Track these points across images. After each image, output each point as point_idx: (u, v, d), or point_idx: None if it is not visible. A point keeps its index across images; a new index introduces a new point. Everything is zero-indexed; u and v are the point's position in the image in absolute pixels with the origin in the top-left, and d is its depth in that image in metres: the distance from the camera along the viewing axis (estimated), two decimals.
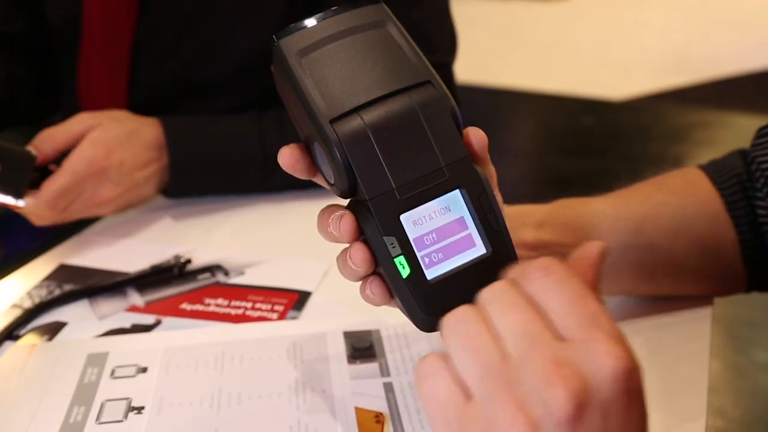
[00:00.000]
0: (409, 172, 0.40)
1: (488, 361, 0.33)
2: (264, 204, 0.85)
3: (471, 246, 0.41)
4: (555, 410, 0.31)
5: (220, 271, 0.70)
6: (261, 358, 0.58)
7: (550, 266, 0.35)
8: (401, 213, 0.40)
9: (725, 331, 1.82)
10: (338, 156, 0.40)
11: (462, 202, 0.41)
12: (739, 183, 0.63)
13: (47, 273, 0.70)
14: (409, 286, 0.40)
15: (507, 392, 0.32)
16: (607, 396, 0.32)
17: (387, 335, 0.60)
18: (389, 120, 0.40)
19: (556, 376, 0.32)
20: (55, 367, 0.58)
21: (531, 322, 0.34)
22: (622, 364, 0.32)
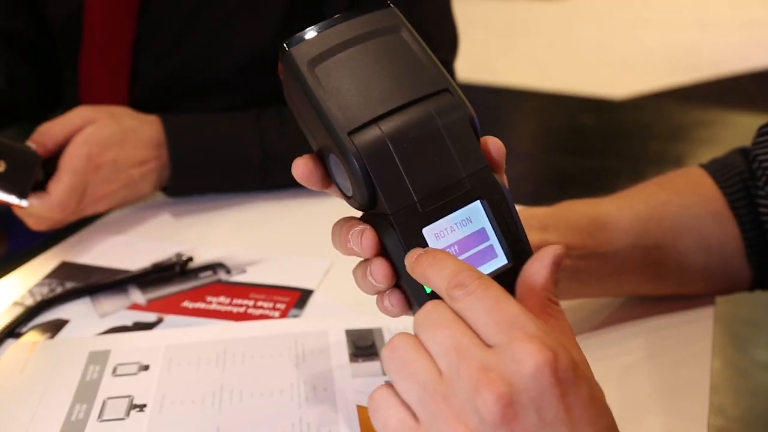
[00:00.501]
0: (431, 183, 0.39)
1: (425, 382, 0.35)
2: (266, 202, 0.85)
3: (493, 257, 0.40)
4: (487, 415, 0.33)
5: (222, 269, 0.70)
6: (263, 356, 0.58)
7: (467, 283, 0.36)
8: (424, 226, 0.39)
9: (726, 330, 1.82)
10: (357, 169, 0.38)
11: (483, 213, 0.40)
12: (742, 181, 0.63)
13: (49, 271, 0.70)
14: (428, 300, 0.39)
15: (446, 407, 0.34)
16: (536, 391, 0.33)
17: (389, 333, 0.60)
18: (409, 130, 0.39)
19: (481, 383, 0.33)
20: (57, 365, 0.58)
21: (457, 336, 0.35)
22: (542, 357, 0.33)
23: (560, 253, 0.40)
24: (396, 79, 0.40)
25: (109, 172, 0.76)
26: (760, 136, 0.63)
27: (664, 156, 2.72)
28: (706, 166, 0.65)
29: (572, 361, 0.34)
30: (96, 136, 0.75)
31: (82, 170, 0.73)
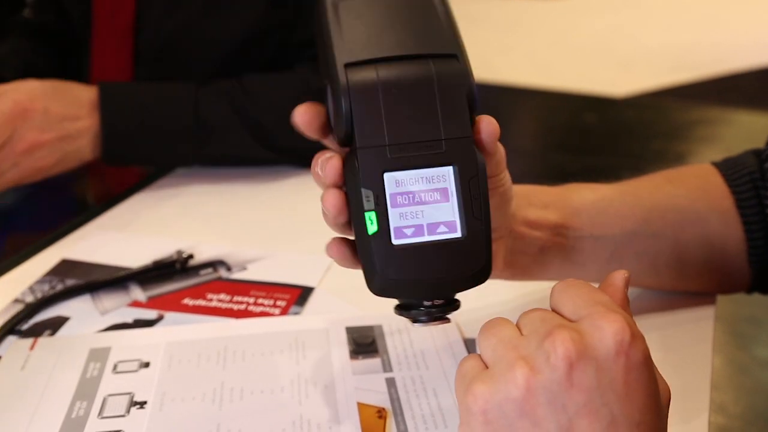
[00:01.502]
0: (407, 134, 0.40)
1: (503, 336, 0.38)
2: (267, 199, 0.85)
3: (447, 225, 0.41)
4: (551, 355, 0.35)
5: (223, 266, 0.70)
6: (263, 354, 0.58)
7: (566, 280, 0.40)
8: (386, 170, 0.40)
9: (727, 328, 1.82)
10: (341, 100, 0.40)
11: (452, 180, 0.41)
12: (752, 181, 0.62)
13: (49, 268, 0.70)
14: (372, 243, 0.40)
15: (514, 351, 0.37)
16: (604, 354, 0.35)
17: (389, 331, 0.60)
18: (403, 80, 0.40)
19: (555, 331, 0.36)
20: (58, 362, 0.58)
21: (546, 313, 0.38)
22: (620, 329, 0.35)
23: (626, 278, 0.42)
24: (410, 32, 0.41)
25: (40, 120, 0.77)
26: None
27: (665, 154, 2.72)
28: (717, 164, 0.65)
29: (646, 349, 0.36)
30: (24, 86, 0.78)
31: (8, 112, 0.74)
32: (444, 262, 0.41)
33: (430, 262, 0.41)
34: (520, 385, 0.35)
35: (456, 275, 0.42)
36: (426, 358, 0.57)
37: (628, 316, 0.37)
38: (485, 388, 0.36)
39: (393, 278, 0.41)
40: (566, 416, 0.35)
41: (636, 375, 0.35)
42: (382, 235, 0.40)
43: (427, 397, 0.53)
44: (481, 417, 0.36)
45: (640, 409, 0.35)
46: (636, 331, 0.36)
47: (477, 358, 0.39)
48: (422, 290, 0.42)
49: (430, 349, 0.58)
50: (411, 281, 0.41)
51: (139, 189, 0.86)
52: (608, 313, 0.36)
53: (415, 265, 0.41)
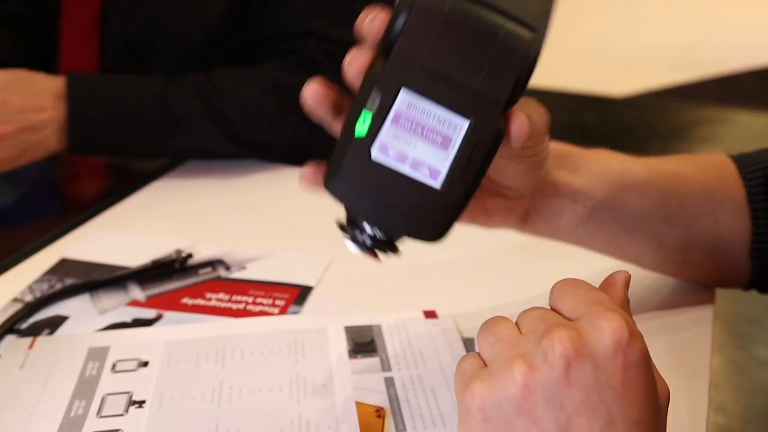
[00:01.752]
0: (445, 67, 0.39)
1: (502, 334, 0.38)
2: (266, 198, 0.85)
3: (431, 170, 0.40)
4: (549, 353, 0.35)
5: (222, 265, 0.70)
6: (262, 353, 0.58)
7: (565, 279, 0.40)
8: (406, 86, 0.39)
9: (726, 327, 1.82)
10: (402, 11, 0.39)
11: (461, 133, 0.40)
12: (764, 176, 0.62)
13: (48, 267, 0.70)
14: (353, 145, 0.39)
15: (513, 349, 0.37)
16: (601, 353, 0.35)
17: (388, 330, 0.60)
18: (470, 20, 0.39)
19: (554, 330, 0.36)
20: (56, 362, 0.58)
21: (546, 312, 0.39)
22: (618, 327, 0.36)
23: (627, 279, 0.42)
24: None
25: (1, 112, 0.78)
26: None
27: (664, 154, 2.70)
28: (732, 156, 0.65)
29: (644, 348, 0.36)
30: None
31: None
32: (405, 201, 0.40)
33: (394, 192, 0.40)
34: (519, 384, 0.35)
35: (409, 219, 0.41)
36: (425, 357, 0.57)
37: (627, 315, 0.37)
38: (483, 387, 0.36)
39: (352, 185, 0.40)
40: (564, 414, 0.35)
41: (634, 373, 0.36)
42: (366, 141, 0.39)
43: (426, 397, 0.53)
44: (480, 415, 0.36)
45: (638, 408, 0.35)
46: (634, 330, 0.36)
47: (476, 357, 0.39)
48: (370, 212, 0.41)
49: (429, 349, 0.58)
50: (365, 197, 0.40)
51: (138, 188, 0.86)
52: (606, 312, 0.36)
53: (378, 186, 0.40)
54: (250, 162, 0.92)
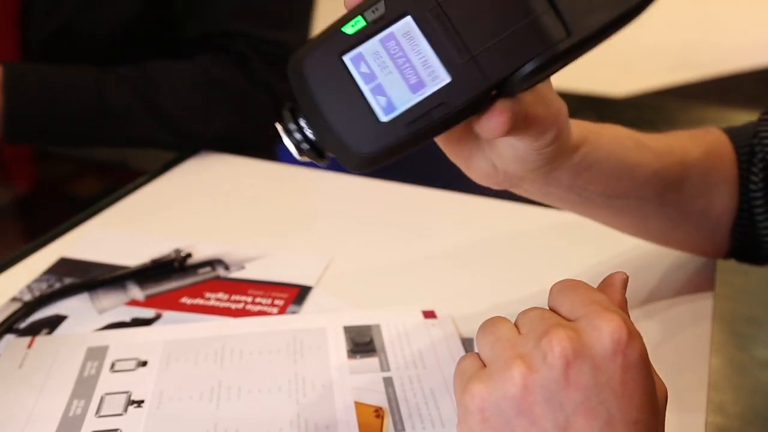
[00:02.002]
0: (460, 20, 0.38)
1: (501, 335, 0.38)
2: (265, 197, 0.85)
3: (388, 101, 0.39)
4: (548, 354, 0.35)
5: (221, 265, 0.70)
6: (261, 353, 0.58)
7: (564, 280, 0.40)
8: (415, 15, 0.38)
9: (726, 327, 1.82)
10: None
11: (436, 86, 0.38)
12: (749, 153, 0.63)
13: (47, 266, 0.70)
14: (332, 36, 0.39)
15: (512, 349, 0.37)
16: (600, 353, 0.35)
17: (387, 330, 0.60)
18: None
19: (552, 330, 0.36)
20: (55, 361, 0.58)
21: (545, 312, 0.39)
22: (617, 328, 0.36)
23: (624, 281, 0.42)
24: None
25: None
26: (766, 114, 0.64)
27: None
28: (726, 131, 0.65)
29: (643, 348, 0.36)
30: None
31: None
32: (348, 117, 0.39)
33: (343, 103, 0.39)
34: (518, 384, 0.35)
35: (341, 137, 0.39)
36: (423, 357, 0.57)
37: (626, 316, 0.37)
38: (483, 387, 0.36)
39: (310, 74, 0.39)
40: (563, 414, 0.35)
41: (633, 374, 0.36)
42: (346, 40, 0.39)
43: (425, 397, 0.53)
44: (479, 415, 0.36)
45: (637, 408, 0.35)
46: (633, 330, 0.36)
47: (475, 357, 0.39)
48: (311, 111, 0.40)
49: (428, 349, 0.58)
50: (314, 94, 0.39)
51: (138, 187, 0.86)
52: (605, 312, 0.36)
53: (332, 90, 0.39)
54: (249, 161, 0.93)
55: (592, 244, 0.72)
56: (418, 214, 0.81)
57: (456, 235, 0.76)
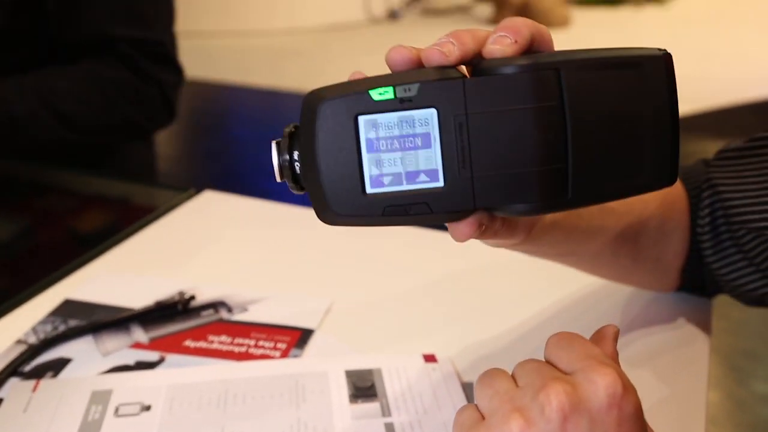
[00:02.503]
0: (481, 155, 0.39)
1: (499, 388, 0.39)
2: (268, 239, 0.86)
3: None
4: (546, 407, 0.36)
5: (224, 307, 0.71)
6: (263, 397, 0.59)
7: (560, 333, 0.41)
8: (437, 110, 0.39)
9: (724, 361, 1.82)
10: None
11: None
12: (696, 197, 0.65)
13: (52, 308, 0.71)
14: (356, 95, 0.39)
15: (510, 403, 0.38)
16: (597, 407, 0.36)
17: (388, 374, 0.61)
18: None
19: (550, 384, 0.37)
20: (60, 405, 0.58)
21: (542, 365, 0.40)
22: (612, 381, 0.37)
23: (616, 333, 0.43)
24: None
25: None
26: (720, 160, 0.65)
27: None
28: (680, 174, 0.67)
29: (638, 401, 0.38)
30: None
31: None
32: (338, 170, 0.40)
33: (338, 156, 0.40)
34: None
35: (328, 186, 0.40)
36: (424, 402, 0.58)
37: (620, 370, 0.39)
38: None
39: (317, 114, 0.39)
40: None
41: (628, 426, 0.37)
42: (364, 102, 0.39)
43: None
44: None
45: None
46: (628, 384, 0.38)
47: (474, 409, 0.40)
48: (308, 147, 0.40)
49: (428, 394, 0.59)
50: (317, 135, 0.40)
51: (141, 228, 0.87)
52: (601, 366, 0.37)
53: (333, 140, 0.39)
54: (252, 203, 0.94)
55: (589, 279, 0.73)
56: (419, 256, 0.82)
57: (455, 277, 0.77)
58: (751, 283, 0.63)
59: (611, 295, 0.72)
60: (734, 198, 0.61)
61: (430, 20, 5.32)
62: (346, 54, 4.42)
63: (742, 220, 0.61)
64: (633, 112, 0.39)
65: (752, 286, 0.63)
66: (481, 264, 0.79)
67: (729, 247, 0.63)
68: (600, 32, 4.78)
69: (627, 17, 5.25)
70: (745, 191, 0.61)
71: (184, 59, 1.16)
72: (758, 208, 0.59)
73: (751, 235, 0.61)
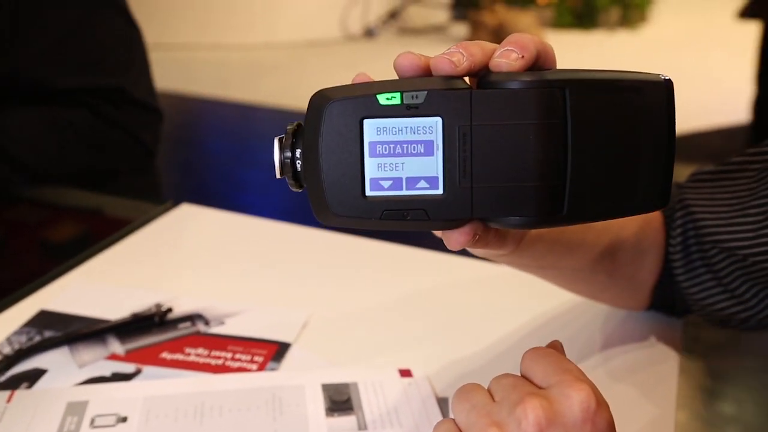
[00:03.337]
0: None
1: (476, 402, 0.40)
2: (245, 252, 0.86)
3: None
4: (522, 421, 0.37)
5: (201, 320, 0.71)
6: (240, 410, 0.59)
7: (535, 348, 0.42)
8: (442, 119, 0.39)
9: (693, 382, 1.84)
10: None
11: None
12: (669, 216, 0.67)
13: (27, 318, 0.71)
14: (364, 98, 0.40)
15: (487, 417, 0.39)
16: (572, 421, 0.38)
17: (364, 388, 0.61)
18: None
19: (526, 399, 0.38)
20: (35, 416, 0.58)
21: (518, 380, 0.41)
22: (586, 397, 0.38)
23: (560, 344, 0.44)
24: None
25: None
26: (694, 182, 0.67)
27: None
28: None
29: (610, 416, 0.39)
30: None
31: None
32: (340, 172, 0.40)
33: (340, 157, 0.40)
34: None
35: (328, 186, 0.41)
36: (400, 416, 0.58)
37: (593, 385, 0.40)
38: None
39: (323, 114, 0.40)
40: None
41: None
42: (371, 106, 0.40)
43: None
44: None
45: None
46: (601, 399, 0.39)
47: (451, 423, 0.41)
48: (312, 146, 0.41)
49: (404, 408, 0.59)
50: (322, 135, 0.40)
51: (119, 240, 0.87)
52: (576, 382, 0.39)
53: (336, 141, 0.40)
54: (230, 217, 0.94)
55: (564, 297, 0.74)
56: (396, 271, 0.83)
57: (432, 293, 0.78)
58: (718, 303, 0.64)
59: (585, 313, 0.73)
60: (707, 218, 0.63)
61: (406, 39, 5.36)
62: (322, 70, 4.44)
63: (714, 240, 0.62)
64: (632, 134, 0.40)
65: (719, 306, 0.64)
66: (458, 280, 0.80)
67: (699, 267, 0.64)
68: (573, 55, 4.85)
69: (600, 41, 5.33)
70: (718, 212, 0.62)
71: (162, 71, 1.15)
72: (731, 229, 0.61)
73: (723, 255, 0.63)
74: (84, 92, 1.06)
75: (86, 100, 1.06)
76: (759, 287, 0.62)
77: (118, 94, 1.08)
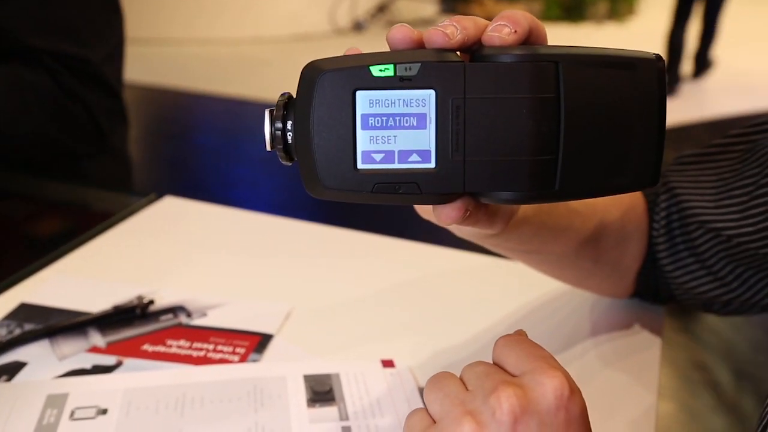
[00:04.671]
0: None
1: (449, 391, 0.40)
2: (228, 244, 0.86)
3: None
4: (496, 410, 0.37)
5: (183, 312, 0.71)
6: (222, 401, 0.59)
7: (507, 335, 0.43)
8: (435, 92, 0.39)
9: (678, 373, 1.85)
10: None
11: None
12: (653, 201, 0.67)
13: (7, 312, 0.70)
14: (357, 69, 0.39)
15: (461, 406, 0.39)
16: (546, 408, 0.38)
17: (346, 379, 0.61)
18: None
19: (500, 387, 0.38)
20: (14, 409, 0.58)
21: (490, 368, 0.41)
22: (559, 384, 0.38)
23: (524, 333, 0.44)
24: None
25: None
26: (678, 165, 0.67)
27: None
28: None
29: (583, 403, 0.39)
30: None
31: None
32: (331, 144, 0.39)
33: (332, 129, 0.39)
34: None
35: (320, 159, 0.40)
36: (382, 406, 0.58)
37: (566, 372, 0.40)
38: None
39: (316, 85, 0.39)
40: None
41: (575, 427, 0.38)
42: (364, 78, 0.39)
43: None
44: None
45: None
46: (574, 386, 0.39)
47: (424, 413, 0.41)
48: (303, 118, 0.40)
49: (386, 399, 0.59)
50: (314, 107, 0.39)
51: (100, 232, 0.86)
52: (549, 369, 0.39)
53: (328, 113, 0.39)
54: (213, 209, 0.94)
55: (548, 286, 0.74)
56: (378, 262, 0.83)
57: (414, 284, 0.78)
58: (701, 286, 0.65)
59: (570, 302, 0.73)
60: (692, 200, 0.63)
61: None
62: None
63: (700, 221, 0.63)
64: (624, 111, 0.40)
65: (702, 289, 0.65)
66: (441, 271, 0.80)
67: (682, 250, 0.64)
68: None
69: (588, 34, 5.35)
70: (704, 194, 0.63)
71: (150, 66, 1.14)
72: (717, 211, 0.61)
73: (707, 236, 0.63)
74: (48, 54, 1.02)
75: (48, 62, 1.02)
76: (742, 268, 0.63)
77: (83, 65, 1.04)
